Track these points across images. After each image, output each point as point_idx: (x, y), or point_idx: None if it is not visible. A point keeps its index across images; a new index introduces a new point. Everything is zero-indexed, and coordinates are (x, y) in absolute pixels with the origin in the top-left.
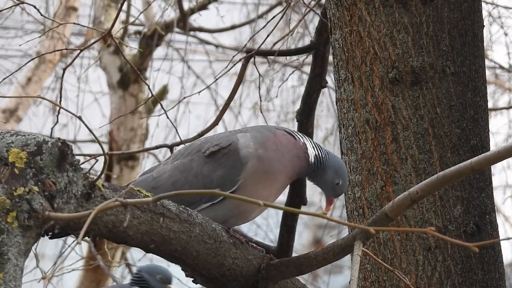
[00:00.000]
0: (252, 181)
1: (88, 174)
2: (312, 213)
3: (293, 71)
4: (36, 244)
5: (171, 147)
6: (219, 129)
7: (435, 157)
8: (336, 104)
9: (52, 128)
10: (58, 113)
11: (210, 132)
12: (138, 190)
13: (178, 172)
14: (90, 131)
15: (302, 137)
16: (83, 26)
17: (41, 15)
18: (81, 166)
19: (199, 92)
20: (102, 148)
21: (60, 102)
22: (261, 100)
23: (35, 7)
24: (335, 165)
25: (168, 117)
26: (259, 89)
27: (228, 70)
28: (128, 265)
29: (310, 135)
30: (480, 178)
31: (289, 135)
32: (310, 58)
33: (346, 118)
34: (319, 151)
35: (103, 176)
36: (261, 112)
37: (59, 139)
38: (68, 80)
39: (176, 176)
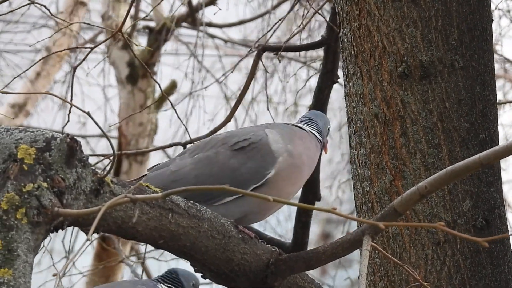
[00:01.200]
0: (282, 176)
1: (96, 170)
2: (323, 209)
3: (300, 67)
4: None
5: (184, 145)
6: (230, 125)
7: (444, 151)
8: (345, 98)
9: (63, 128)
10: (69, 112)
11: (222, 129)
12: (146, 186)
13: (201, 165)
14: (100, 128)
15: (305, 126)
16: (93, 25)
17: (52, 15)
18: (94, 164)
19: (205, 88)
20: (112, 147)
21: (71, 99)
22: (267, 97)
23: (45, 7)
24: (320, 118)
25: (178, 115)
26: (266, 86)
27: (236, 65)
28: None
29: None
30: (489, 172)
31: (300, 129)
32: (319, 54)
33: (355, 113)
34: (315, 128)
35: (111, 171)
36: (268, 109)
37: (67, 135)
38: (76, 74)
39: (200, 168)
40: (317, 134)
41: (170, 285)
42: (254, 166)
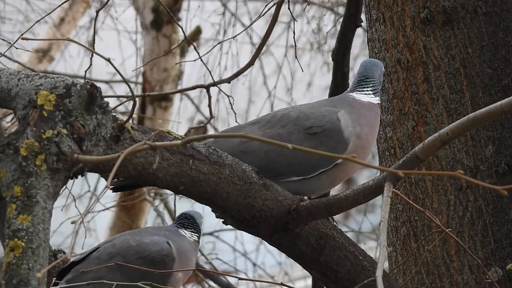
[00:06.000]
0: None
1: (117, 116)
2: (342, 156)
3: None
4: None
5: (207, 88)
6: (255, 69)
7: (467, 97)
8: (368, 44)
9: (86, 70)
10: (92, 57)
11: (247, 72)
12: (167, 132)
13: None
14: (120, 74)
15: (363, 96)
16: None
17: None
18: (115, 108)
19: (234, 37)
20: (131, 91)
21: (93, 44)
22: (295, 45)
23: None
24: (375, 69)
25: (203, 62)
26: (294, 34)
27: (263, 13)
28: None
29: (345, 74)
30: (511, 118)
31: (362, 95)
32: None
33: (378, 58)
34: (372, 90)
35: (135, 117)
36: (296, 57)
37: (87, 81)
38: (101, 20)
39: (271, 145)
40: (374, 100)
41: (191, 230)
42: (326, 151)
